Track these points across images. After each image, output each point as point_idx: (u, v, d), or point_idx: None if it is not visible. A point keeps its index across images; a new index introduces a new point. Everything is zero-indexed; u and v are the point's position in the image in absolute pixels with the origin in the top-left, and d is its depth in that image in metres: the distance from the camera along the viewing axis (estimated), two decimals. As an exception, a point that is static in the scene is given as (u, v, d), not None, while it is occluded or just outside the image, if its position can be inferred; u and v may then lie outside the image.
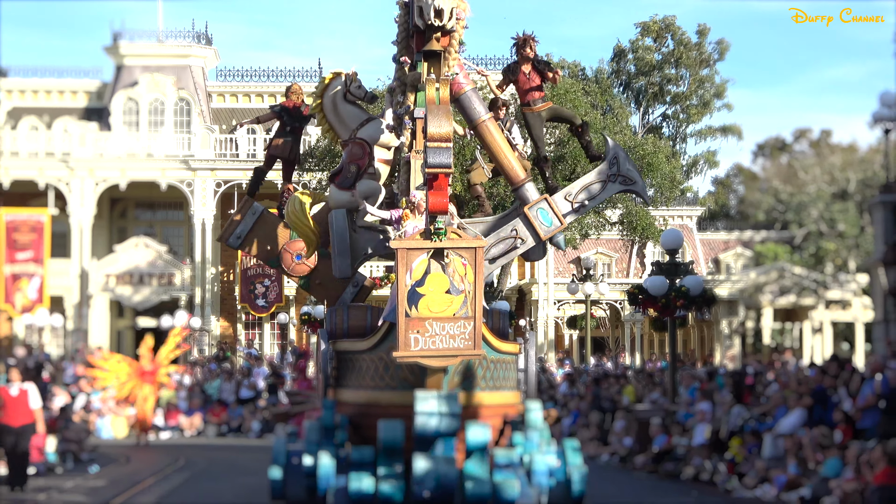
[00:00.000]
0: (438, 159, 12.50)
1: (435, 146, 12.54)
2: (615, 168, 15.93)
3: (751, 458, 21.77)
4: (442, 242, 12.85)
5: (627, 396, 30.44)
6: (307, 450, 14.09)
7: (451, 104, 14.06)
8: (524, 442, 14.12)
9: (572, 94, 46.77)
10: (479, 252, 12.84)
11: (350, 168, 16.41)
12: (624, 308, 58.63)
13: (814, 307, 58.36)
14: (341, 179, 16.50)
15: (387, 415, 13.33)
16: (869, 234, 50.69)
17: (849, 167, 59.30)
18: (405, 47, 14.83)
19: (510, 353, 14.30)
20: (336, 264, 16.23)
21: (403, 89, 15.20)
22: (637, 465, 25.94)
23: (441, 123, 12.61)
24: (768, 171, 66.01)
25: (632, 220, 48.24)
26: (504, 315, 15.30)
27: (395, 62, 15.40)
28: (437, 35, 13.64)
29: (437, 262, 12.96)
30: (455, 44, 13.98)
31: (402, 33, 14.80)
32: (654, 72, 70.79)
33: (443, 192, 12.71)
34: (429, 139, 12.63)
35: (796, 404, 21.31)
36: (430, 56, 13.80)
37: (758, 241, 64.04)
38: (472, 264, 12.86)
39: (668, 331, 28.04)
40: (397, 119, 15.65)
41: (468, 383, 13.65)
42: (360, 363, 14.20)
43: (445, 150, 12.56)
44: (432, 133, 12.56)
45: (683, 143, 72.64)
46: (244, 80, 59.69)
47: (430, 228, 12.96)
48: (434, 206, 12.76)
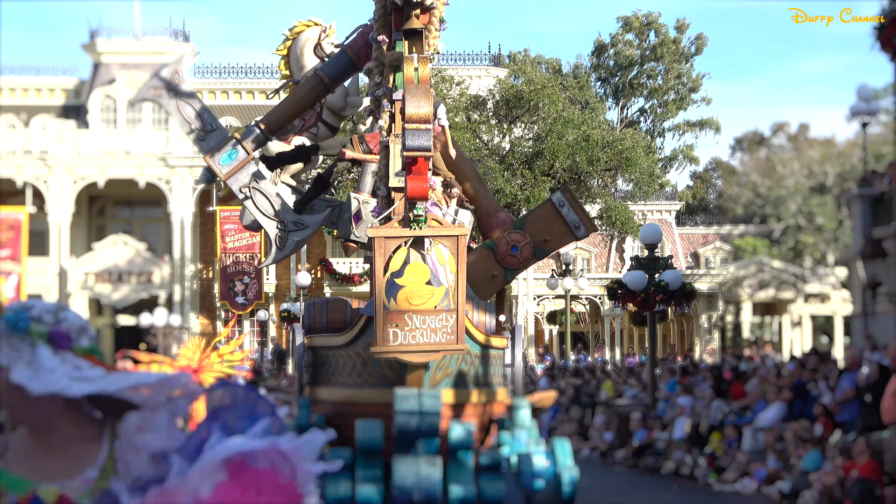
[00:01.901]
0: (417, 141, 11.70)
1: (413, 128, 11.73)
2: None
3: (731, 452, 21.83)
4: (422, 230, 12.06)
5: (606, 391, 30.50)
6: None
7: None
8: (511, 441, 13.40)
9: (550, 89, 46.84)
10: (461, 240, 12.03)
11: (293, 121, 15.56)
12: (603, 303, 58.75)
13: (793, 301, 58.63)
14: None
15: (365, 414, 12.59)
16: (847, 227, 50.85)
17: (827, 161, 59.49)
18: (383, 25, 13.88)
19: (496, 348, 13.48)
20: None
21: (381, 70, 14.18)
22: (617, 459, 25.99)
23: (420, 103, 11.80)
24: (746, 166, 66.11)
25: (611, 215, 48.33)
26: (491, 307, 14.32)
27: (373, 41, 14.31)
28: (417, 12, 12.82)
29: (416, 252, 12.21)
30: (436, 21, 13.14)
31: (380, 10, 13.81)
32: (634, 67, 70.94)
33: (422, 177, 11.92)
34: (407, 120, 11.79)
35: (776, 398, 21.38)
36: (409, 35, 12.98)
37: (737, 236, 64.38)
38: (453, 253, 12.09)
39: (648, 325, 28.06)
40: (374, 101, 14.56)
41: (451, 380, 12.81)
42: (337, 359, 13.33)
43: (425, 131, 11.75)
44: (410, 114, 11.74)
45: (661, 137, 72.82)
46: (222, 77, 59.59)
47: (408, 216, 12.15)
48: (413, 192, 11.92)
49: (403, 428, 11.99)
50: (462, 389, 12.87)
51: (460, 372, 12.88)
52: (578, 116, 47.73)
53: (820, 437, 19.26)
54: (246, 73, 59.36)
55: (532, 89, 46.37)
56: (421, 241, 12.22)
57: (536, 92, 46.11)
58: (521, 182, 45.79)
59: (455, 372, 12.82)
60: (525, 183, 45.75)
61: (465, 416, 12.87)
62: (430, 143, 11.82)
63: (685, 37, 70.82)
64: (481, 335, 13.19)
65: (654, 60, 70.75)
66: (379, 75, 14.31)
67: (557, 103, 46.64)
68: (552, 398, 16.41)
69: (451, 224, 12.94)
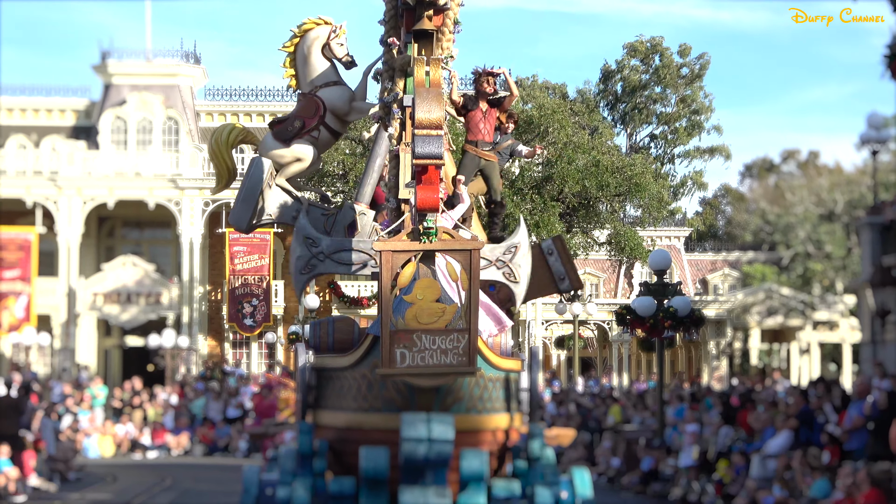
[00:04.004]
0: (427, 149, 10.88)
1: (424, 134, 10.91)
2: (509, 256, 12.47)
3: (738, 479, 21.77)
4: (432, 244, 11.28)
5: (613, 416, 30.46)
6: (282, 480, 12.18)
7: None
8: (527, 471, 12.25)
9: (560, 113, 46.88)
10: (474, 255, 11.20)
11: (294, 122, 14.71)
12: (612, 328, 58.68)
13: (801, 328, 58.49)
14: (280, 129, 14.79)
15: (370, 440, 11.59)
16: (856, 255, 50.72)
17: (836, 188, 59.41)
18: (393, 27, 13.06)
19: (511, 371, 12.36)
20: (235, 210, 14.69)
21: (391, 74, 13.31)
22: (625, 485, 25.94)
23: (431, 108, 10.99)
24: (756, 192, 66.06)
25: (619, 241, 48.34)
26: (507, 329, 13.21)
27: (383, 44, 13.59)
28: (429, 13, 11.94)
29: (426, 267, 11.47)
30: (449, 23, 12.28)
31: (391, 11, 12.98)
32: (640, 91, 71.07)
33: (433, 187, 11.07)
34: (417, 126, 10.96)
35: (783, 425, 21.34)
36: (420, 36, 12.04)
37: (745, 262, 64.25)
38: (466, 269, 11.24)
39: (656, 351, 28.04)
40: (384, 107, 13.64)
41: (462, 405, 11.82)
42: (342, 381, 12.20)
43: (435, 138, 10.90)
44: (420, 119, 10.92)
45: (671, 163, 72.87)
46: (232, 99, 59.70)
47: (418, 228, 11.30)
48: (423, 203, 11.09)
49: (411, 456, 11.12)
50: (474, 415, 11.89)
51: (472, 396, 11.90)
52: (588, 142, 47.78)
53: (828, 465, 19.22)
54: (256, 95, 59.47)
55: (542, 114, 46.42)
56: (431, 256, 11.58)
57: (546, 117, 46.15)
58: (531, 207, 45.81)
59: (467, 396, 11.85)
60: (534, 208, 45.76)
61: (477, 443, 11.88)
62: (441, 151, 11.04)
63: (688, 59, 71.04)
64: (495, 357, 12.16)
65: (659, 84, 70.93)
66: (389, 80, 13.51)
67: (567, 128, 46.69)
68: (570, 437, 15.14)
69: (463, 237, 11.94)
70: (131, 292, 56.95)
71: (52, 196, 56.07)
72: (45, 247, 56.25)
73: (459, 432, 11.42)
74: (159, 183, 56.42)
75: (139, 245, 61.21)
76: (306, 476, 11.98)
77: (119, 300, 56.84)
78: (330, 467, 12.22)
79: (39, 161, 56.39)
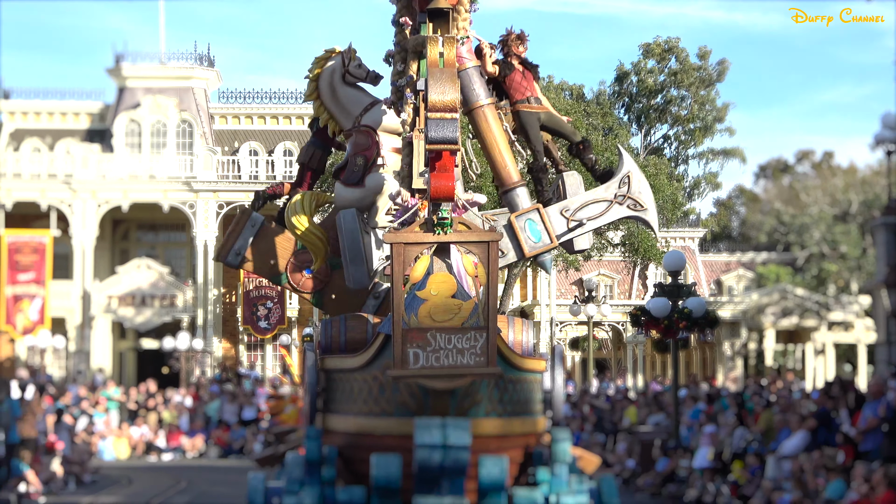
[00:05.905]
0: (442, 133, 10.07)
1: (438, 117, 10.08)
2: (625, 188, 12.19)
3: (754, 480, 21.73)
4: (447, 236, 10.43)
5: (629, 418, 30.43)
6: (288, 488, 11.44)
7: None
8: (550, 479, 11.34)
9: (574, 114, 46.84)
10: (492, 247, 10.22)
11: (356, 161, 13.68)
12: (626, 329, 58.57)
13: (816, 329, 58.40)
14: (347, 174, 13.76)
15: (382, 447, 10.70)
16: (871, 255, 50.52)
17: (850, 189, 59.25)
18: (405, 6, 12.44)
19: (533, 372, 11.41)
20: (349, 274, 13.49)
21: (404, 56, 12.62)
22: (640, 486, 25.91)
23: (445, 90, 10.14)
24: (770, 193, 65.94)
25: (633, 242, 48.26)
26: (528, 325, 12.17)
27: (395, 24, 12.87)
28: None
29: (441, 261, 10.67)
30: (465, 2, 11.77)
31: None
32: (657, 93, 70.93)
33: (448, 175, 10.20)
34: (430, 108, 10.14)
35: (799, 426, 21.29)
36: (435, 15, 11.07)
37: (760, 263, 64.23)
38: (484, 262, 10.35)
39: (671, 352, 28.01)
40: (396, 91, 12.94)
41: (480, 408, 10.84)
42: (352, 384, 11.35)
43: (450, 121, 10.06)
44: (434, 101, 10.06)
45: (685, 164, 72.73)
46: (246, 102, 59.71)
47: (432, 219, 10.49)
48: (437, 191, 10.27)
49: (425, 464, 10.26)
50: (493, 419, 10.95)
51: (491, 399, 10.93)
52: (602, 143, 47.74)
53: (843, 466, 19.17)
54: (269, 98, 59.48)
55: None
56: (446, 249, 10.80)
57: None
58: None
59: (485, 399, 10.84)
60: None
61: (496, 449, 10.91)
62: (456, 135, 10.19)
63: (708, 63, 70.81)
64: (516, 357, 11.19)
65: (676, 87, 70.71)
66: (401, 63, 12.90)
67: (581, 129, 46.67)
68: (595, 465, 14.24)
69: (481, 228, 11.17)
70: (146, 295, 57.01)
71: (66, 199, 56.15)
72: (59, 250, 56.33)
73: (477, 438, 10.59)
74: (173, 185, 56.45)
75: (154, 248, 61.27)
76: (314, 484, 11.29)
77: (134, 303, 56.90)
78: (339, 475, 11.52)
79: (54, 164, 56.48)
